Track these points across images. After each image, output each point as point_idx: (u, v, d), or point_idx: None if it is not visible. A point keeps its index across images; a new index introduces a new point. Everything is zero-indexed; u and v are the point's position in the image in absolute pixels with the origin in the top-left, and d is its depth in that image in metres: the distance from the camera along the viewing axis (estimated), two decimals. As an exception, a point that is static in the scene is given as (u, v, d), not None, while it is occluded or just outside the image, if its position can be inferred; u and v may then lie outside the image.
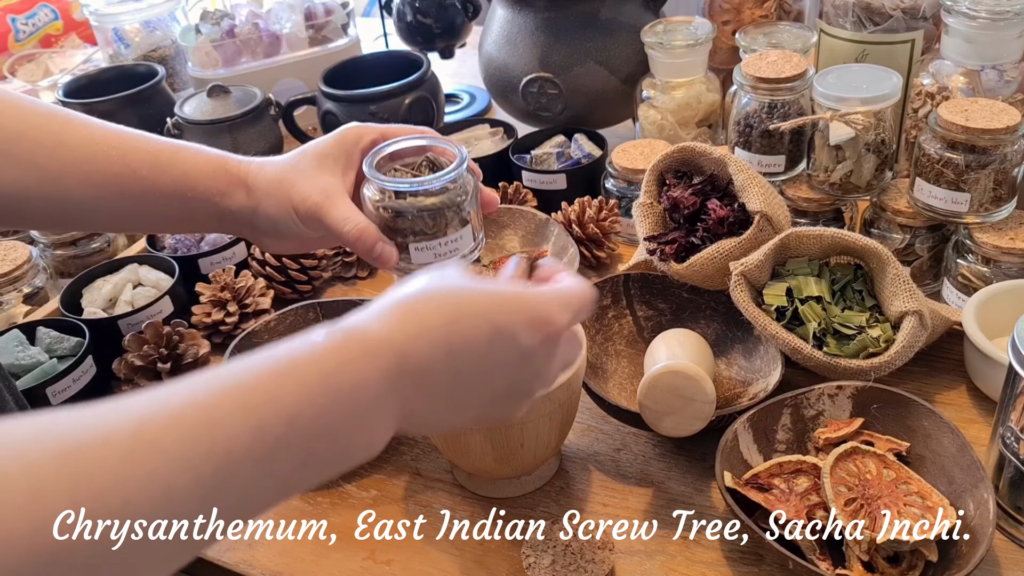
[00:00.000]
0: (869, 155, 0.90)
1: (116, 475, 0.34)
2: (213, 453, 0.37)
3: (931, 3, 0.96)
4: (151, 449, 0.35)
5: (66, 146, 0.62)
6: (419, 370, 0.45)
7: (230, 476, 0.38)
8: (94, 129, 0.64)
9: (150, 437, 0.36)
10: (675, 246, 0.83)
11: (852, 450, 0.67)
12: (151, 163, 0.64)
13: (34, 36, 1.69)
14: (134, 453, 0.35)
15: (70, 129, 0.62)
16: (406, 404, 0.45)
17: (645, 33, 1.11)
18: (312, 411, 0.41)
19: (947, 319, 0.81)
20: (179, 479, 0.36)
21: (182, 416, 0.37)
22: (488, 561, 0.70)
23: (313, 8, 1.41)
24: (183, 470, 0.36)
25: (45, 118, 0.62)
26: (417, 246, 0.65)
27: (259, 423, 0.39)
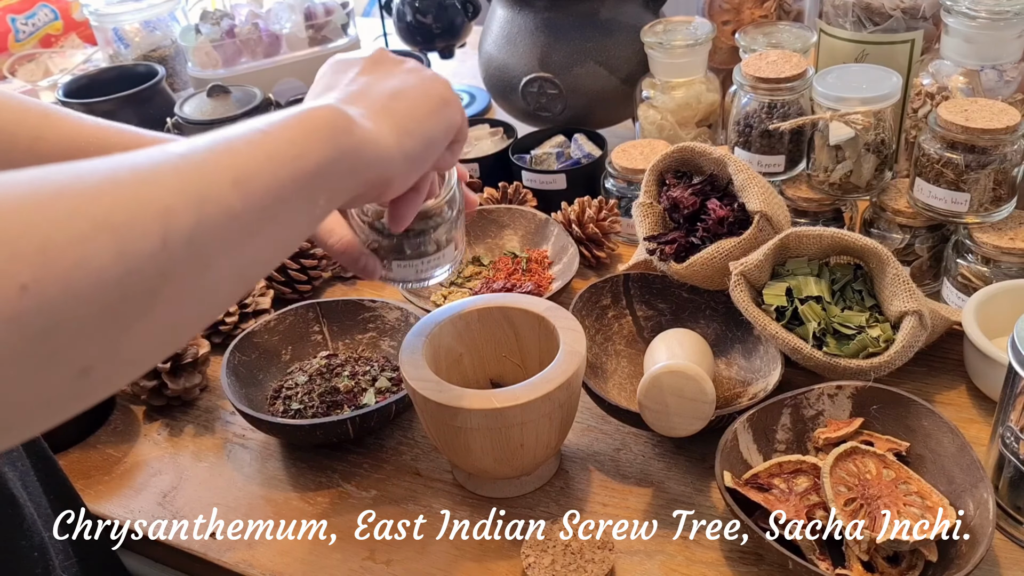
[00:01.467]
0: (869, 155, 0.90)
1: (234, 172, 0.40)
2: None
3: (931, 3, 0.96)
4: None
5: (44, 140, 0.61)
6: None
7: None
8: (73, 123, 0.63)
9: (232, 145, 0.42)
10: (675, 246, 0.83)
11: (852, 450, 0.67)
12: None
13: (34, 36, 1.68)
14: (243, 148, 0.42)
15: (48, 123, 0.62)
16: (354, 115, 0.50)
17: (645, 33, 1.11)
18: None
19: (947, 319, 0.81)
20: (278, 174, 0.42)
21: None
22: (488, 561, 0.70)
23: (313, 8, 1.41)
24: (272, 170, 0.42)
25: (22, 113, 0.61)
26: (400, 263, 0.66)
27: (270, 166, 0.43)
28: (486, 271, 1.02)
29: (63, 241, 0.32)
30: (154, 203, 0.36)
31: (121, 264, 0.34)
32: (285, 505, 0.77)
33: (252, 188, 0.41)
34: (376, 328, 0.91)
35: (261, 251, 0.43)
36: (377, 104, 0.52)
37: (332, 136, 0.47)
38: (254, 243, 0.41)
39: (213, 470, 0.81)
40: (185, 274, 0.37)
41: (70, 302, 0.32)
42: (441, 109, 0.56)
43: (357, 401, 0.82)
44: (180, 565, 0.76)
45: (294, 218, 0.44)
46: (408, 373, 0.69)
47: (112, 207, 0.35)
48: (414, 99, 0.55)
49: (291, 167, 0.43)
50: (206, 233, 0.38)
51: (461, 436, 0.68)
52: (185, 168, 0.39)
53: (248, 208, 0.40)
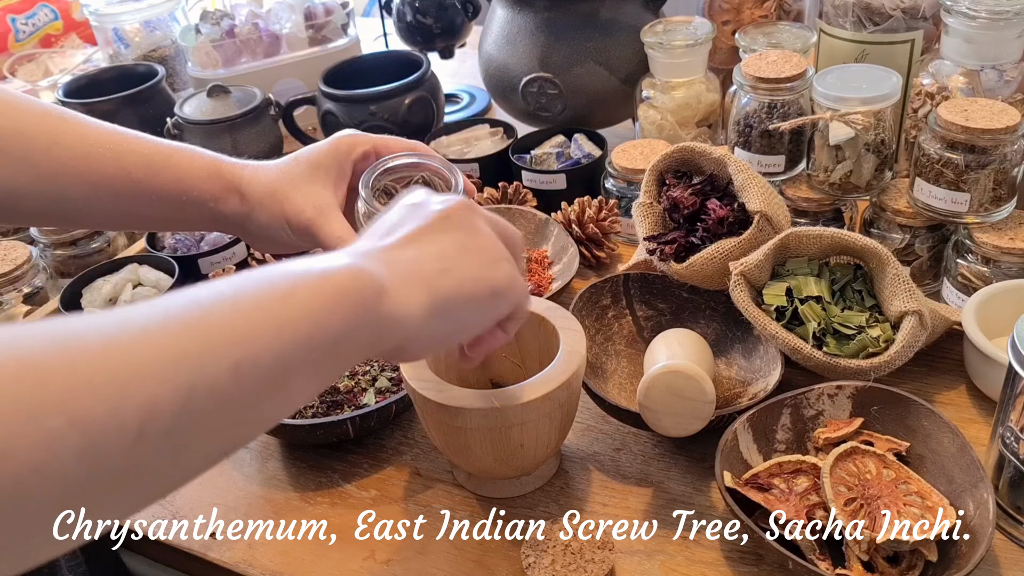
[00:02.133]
0: (869, 155, 0.90)
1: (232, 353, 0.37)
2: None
3: (931, 3, 0.96)
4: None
5: (60, 145, 0.62)
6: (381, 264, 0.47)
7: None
8: (89, 129, 0.64)
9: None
10: (675, 246, 0.83)
11: (852, 450, 0.67)
12: (145, 165, 0.64)
13: (34, 36, 1.68)
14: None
15: (64, 128, 0.62)
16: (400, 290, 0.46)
17: (645, 33, 1.11)
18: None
19: (947, 319, 0.81)
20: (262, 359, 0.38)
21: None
22: (488, 561, 0.70)
23: (313, 8, 1.41)
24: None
25: (40, 116, 0.62)
26: None
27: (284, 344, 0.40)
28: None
29: (28, 443, 0.30)
30: (140, 395, 0.33)
31: (86, 464, 0.32)
32: (285, 505, 0.77)
33: (253, 371, 0.38)
34: (376, 328, 0.91)
35: (248, 427, 0.40)
36: (419, 271, 0.48)
37: (357, 307, 0.43)
38: (242, 422, 0.39)
39: (213, 470, 0.81)
40: (157, 463, 0.35)
41: (19, 504, 0.30)
42: (488, 300, 0.51)
43: (357, 401, 0.82)
44: (180, 565, 0.76)
45: (296, 391, 0.41)
46: (408, 373, 0.69)
47: (92, 401, 0.32)
48: (461, 281, 0.50)
49: (304, 342, 0.40)
50: (189, 421, 0.35)
51: (461, 436, 0.68)
52: (186, 345, 0.36)
53: (243, 392, 0.37)
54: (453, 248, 0.50)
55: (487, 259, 0.52)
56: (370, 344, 0.45)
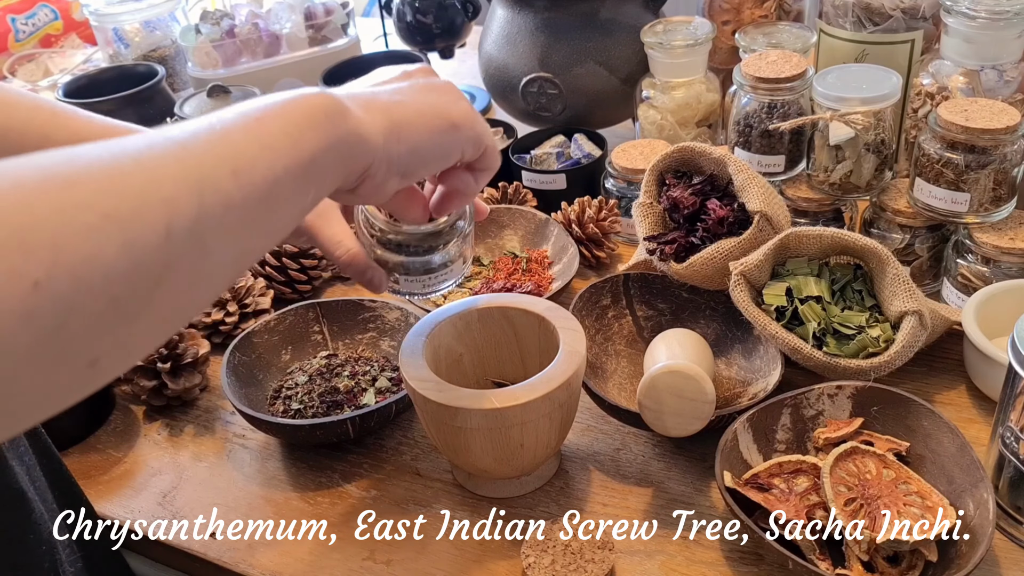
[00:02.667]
0: (869, 155, 0.90)
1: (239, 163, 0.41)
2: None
3: (931, 3, 0.96)
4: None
5: (52, 141, 0.61)
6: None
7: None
8: (81, 123, 0.63)
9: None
10: (675, 246, 0.83)
11: (852, 450, 0.67)
12: None
13: (34, 36, 1.68)
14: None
15: (56, 123, 0.62)
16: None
17: (645, 33, 1.11)
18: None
19: (947, 319, 0.81)
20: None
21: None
22: (488, 561, 0.70)
23: (313, 8, 1.41)
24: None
25: (32, 112, 0.61)
26: (407, 278, 0.66)
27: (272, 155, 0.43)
28: (486, 271, 1.02)
29: (73, 235, 0.33)
30: (157, 194, 0.36)
31: (127, 256, 0.34)
32: (285, 505, 0.77)
33: (250, 178, 0.41)
34: (376, 328, 0.91)
35: (257, 238, 0.43)
36: (377, 101, 0.52)
37: (324, 123, 0.46)
38: (251, 231, 0.42)
39: (213, 470, 0.81)
40: (187, 263, 0.38)
41: (81, 297, 0.33)
42: (444, 130, 0.54)
43: (357, 401, 0.82)
44: (180, 565, 0.76)
45: (288, 206, 0.45)
46: (408, 373, 0.69)
47: (119, 198, 0.35)
48: (417, 110, 0.53)
49: (286, 158, 0.44)
50: (207, 223, 0.38)
51: (461, 436, 0.68)
52: (186, 157, 0.39)
53: (246, 198, 0.41)
54: (410, 88, 0.54)
55: (445, 96, 0.55)
56: (342, 161, 0.48)
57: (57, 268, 0.32)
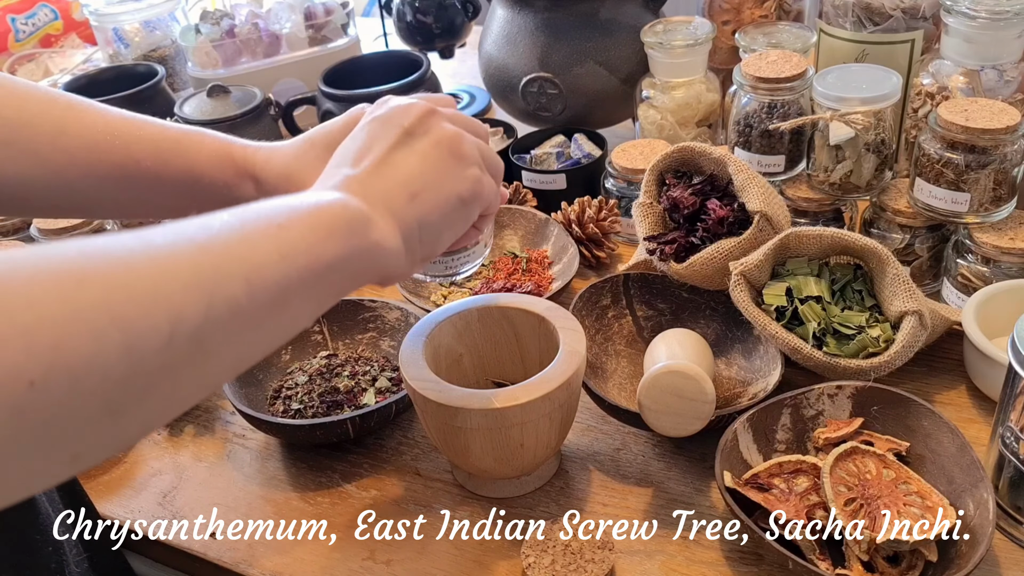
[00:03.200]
0: (869, 155, 0.90)
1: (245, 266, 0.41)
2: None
3: (931, 3, 0.96)
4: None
5: (67, 134, 0.61)
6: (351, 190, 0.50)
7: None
8: (96, 116, 0.62)
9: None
10: (675, 246, 0.83)
11: (852, 450, 0.67)
12: (154, 152, 0.63)
13: (34, 36, 1.68)
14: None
15: (71, 116, 0.61)
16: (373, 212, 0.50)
17: (645, 33, 1.11)
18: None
19: (947, 319, 0.81)
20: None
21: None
22: (488, 561, 0.70)
23: (313, 8, 1.41)
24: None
25: (46, 105, 0.61)
26: (431, 261, 0.66)
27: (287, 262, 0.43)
28: (486, 271, 1.02)
29: (76, 337, 0.33)
30: (166, 301, 0.37)
31: (127, 361, 0.34)
32: (285, 505, 0.77)
33: (262, 286, 0.41)
34: (376, 328, 0.91)
35: (261, 342, 0.43)
36: (393, 204, 0.51)
37: (348, 237, 0.47)
38: (256, 335, 0.42)
39: (213, 470, 0.81)
40: (184, 367, 0.38)
41: (74, 398, 0.33)
42: (458, 210, 0.55)
43: (357, 401, 0.82)
44: (180, 565, 0.76)
45: (297, 312, 0.45)
46: (408, 373, 0.69)
47: (127, 302, 0.35)
48: (432, 202, 0.53)
49: (302, 266, 0.44)
50: (211, 329, 0.38)
51: (461, 436, 0.68)
52: (201, 261, 0.39)
53: (255, 305, 0.41)
54: (419, 166, 0.54)
55: (452, 167, 0.55)
56: (361, 271, 0.49)
57: (54, 369, 0.32)
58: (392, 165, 0.53)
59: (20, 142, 0.59)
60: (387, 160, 0.53)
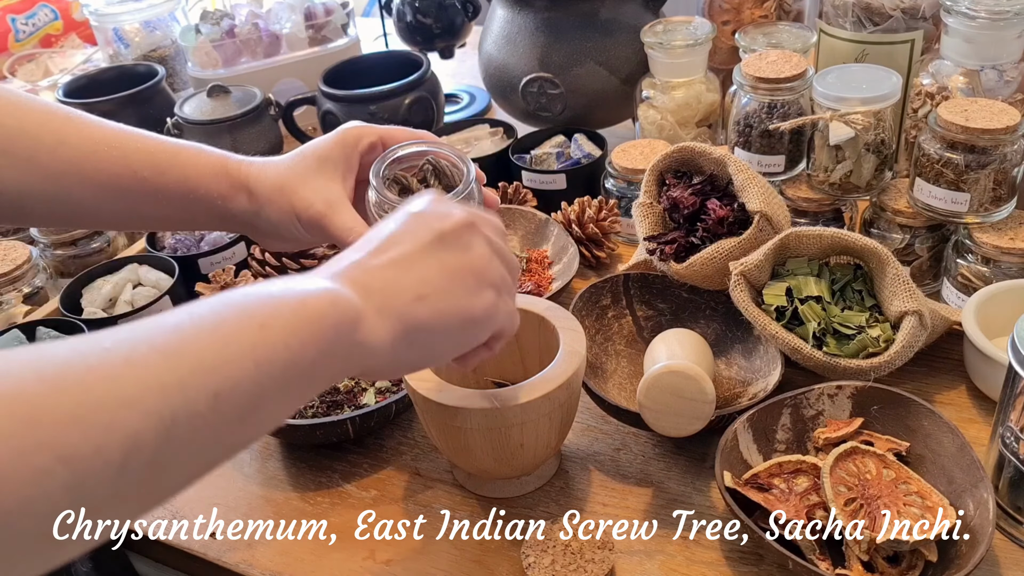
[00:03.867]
0: (869, 155, 0.90)
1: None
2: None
3: (931, 3, 0.96)
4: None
5: (66, 145, 0.61)
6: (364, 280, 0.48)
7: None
8: (94, 128, 0.63)
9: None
10: (675, 246, 0.83)
11: (852, 450, 0.67)
12: (151, 164, 0.64)
13: (34, 36, 1.68)
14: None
15: (70, 127, 0.62)
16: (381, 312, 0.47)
17: (645, 33, 1.11)
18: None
19: (947, 319, 0.81)
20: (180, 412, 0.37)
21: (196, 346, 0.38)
22: (488, 561, 0.70)
23: (313, 8, 1.41)
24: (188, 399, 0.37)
25: (45, 116, 0.61)
26: None
27: (263, 369, 0.40)
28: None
29: (17, 481, 0.31)
30: (123, 429, 0.34)
31: (71, 498, 0.32)
32: (285, 505, 0.77)
33: (232, 400, 0.38)
34: (376, 328, 0.91)
35: (223, 454, 0.41)
36: (395, 302, 0.48)
37: (332, 336, 0.44)
38: (218, 448, 0.40)
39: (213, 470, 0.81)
40: (137, 490, 0.35)
41: (7, 535, 0.31)
42: (464, 329, 0.52)
43: (357, 401, 0.82)
44: (180, 565, 0.76)
45: (265, 417, 0.42)
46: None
47: (79, 438, 0.33)
48: (438, 310, 0.50)
49: (278, 374, 0.41)
50: (169, 451, 0.36)
51: (461, 436, 0.68)
52: (168, 377, 0.36)
53: (221, 419, 0.38)
54: (437, 273, 0.50)
55: (471, 285, 0.51)
56: (342, 370, 0.46)
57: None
58: (410, 264, 0.50)
59: (20, 151, 0.60)
60: (408, 257, 0.50)
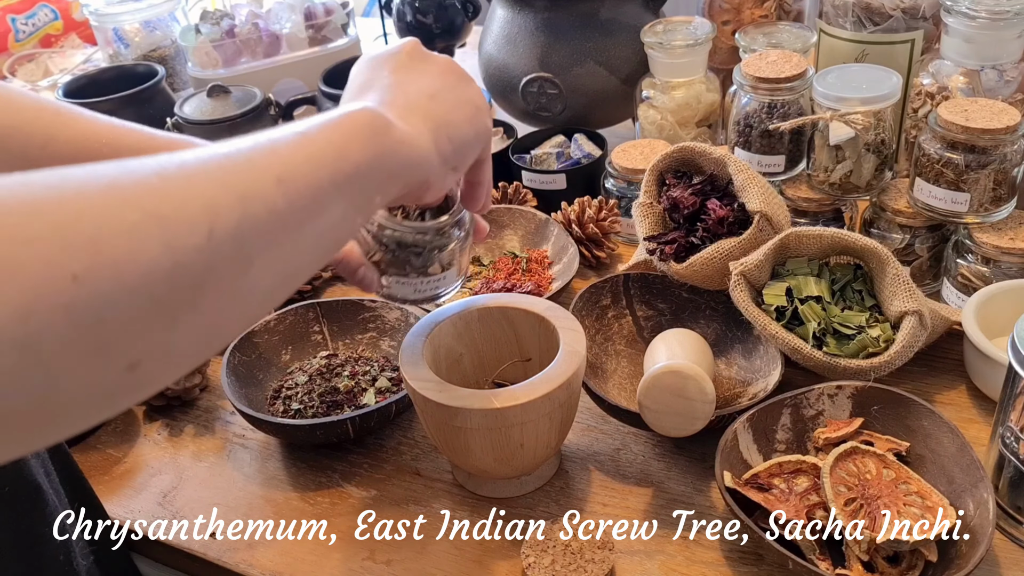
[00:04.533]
0: (869, 155, 0.90)
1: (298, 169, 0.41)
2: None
3: (931, 3, 0.96)
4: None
5: (57, 140, 0.61)
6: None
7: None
8: (85, 123, 0.63)
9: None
10: (675, 246, 0.83)
11: (852, 450, 0.67)
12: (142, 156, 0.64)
13: (34, 36, 1.68)
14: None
15: (60, 122, 0.62)
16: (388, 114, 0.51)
17: (645, 33, 1.11)
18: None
19: (947, 319, 0.81)
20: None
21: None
22: (488, 561, 0.70)
23: (313, 8, 1.41)
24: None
25: (36, 111, 0.61)
26: (399, 280, 0.65)
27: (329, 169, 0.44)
28: (486, 271, 1.02)
29: (114, 231, 0.33)
30: (200, 198, 0.37)
31: (169, 257, 0.34)
32: (285, 505, 0.77)
33: (294, 187, 0.41)
34: (376, 328, 0.91)
35: (301, 251, 0.43)
36: (414, 106, 0.53)
37: (371, 138, 0.47)
38: (295, 242, 0.42)
39: (213, 470, 0.81)
40: (229, 269, 0.38)
41: (120, 293, 0.33)
42: (475, 115, 0.57)
43: (357, 401, 0.82)
44: (180, 565, 0.76)
45: (334, 219, 0.45)
46: (408, 373, 0.69)
47: (160, 199, 0.35)
48: (450, 103, 0.55)
49: (331, 168, 0.44)
50: (250, 229, 0.38)
51: (461, 436, 0.68)
52: (230, 166, 0.39)
53: (290, 206, 0.41)
54: (430, 78, 0.56)
55: (457, 80, 0.58)
56: (394, 173, 0.49)
57: (96, 263, 0.32)
58: (404, 80, 0.55)
59: (12, 148, 0.60)
60: (396, 81, 0.55)
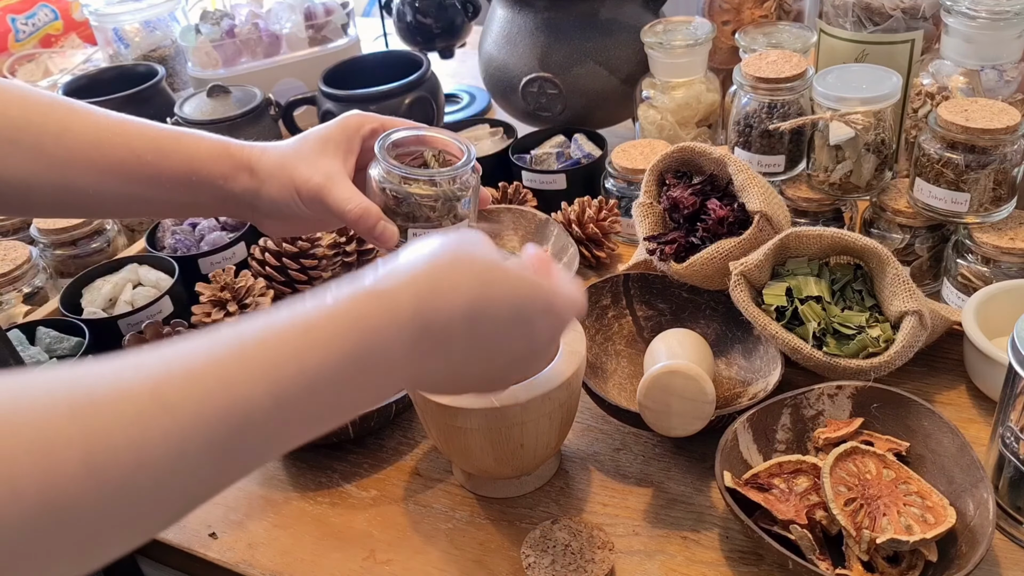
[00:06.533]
0: (869, 155, 0.90)
1: (129, 433, 0.34)
2: (231, 415, 0.37)
3: (931, 3, 0.96)
4: (167, 409, 0.35)
5: (71, 132, 0.62)
6: (439, 335, 0.45)
7: (244, 437, 0.38)
8: (97, 116, 0.65)
9: (166, 397, 0.36)
10: (675, 246, 0.83)
11: (852, 450, 0.67)
12: (155, 148, 0.65)
13: (34, 36, 1.68)
14: (148, 412, 0.35)
15: (74, 116, 0.63)
16: (420, 366, 0.46)
17: (645, 33, 1.11)
18: (334, 375, 0.41)
19: (947, 319, 0.81)
20: (193, 440, 0.36)
21: (201, 376, 0.37)
22: (488, 561, 0.70)
23: (313, 8, 1.41)
24: (198, 432, 0.36)
25: (49, 106, 0.63)
26: (416, 232, 0.67)
27: (279, 387, 0.39)
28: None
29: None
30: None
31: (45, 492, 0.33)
32: (285, 505, 0.77)
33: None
34: (376, 328, 0.91)
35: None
36: (454, 375, 0.49)
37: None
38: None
39: (213, 470, 0.81)
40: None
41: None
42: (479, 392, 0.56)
43: (357, 401, 0.82)
44: (180, 565, 0.76)
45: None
46: (408, 373, 0.69)
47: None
48: (476, 377, 0.51)
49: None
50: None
51: (461, 436, 0.68)
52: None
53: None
54: (496, 366, 0.51)
55: (507, 379, 0.56)
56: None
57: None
58: (492, 360, 0.50)
59: (25, 140, 0.61)
60: (488, 356, 0.50)
